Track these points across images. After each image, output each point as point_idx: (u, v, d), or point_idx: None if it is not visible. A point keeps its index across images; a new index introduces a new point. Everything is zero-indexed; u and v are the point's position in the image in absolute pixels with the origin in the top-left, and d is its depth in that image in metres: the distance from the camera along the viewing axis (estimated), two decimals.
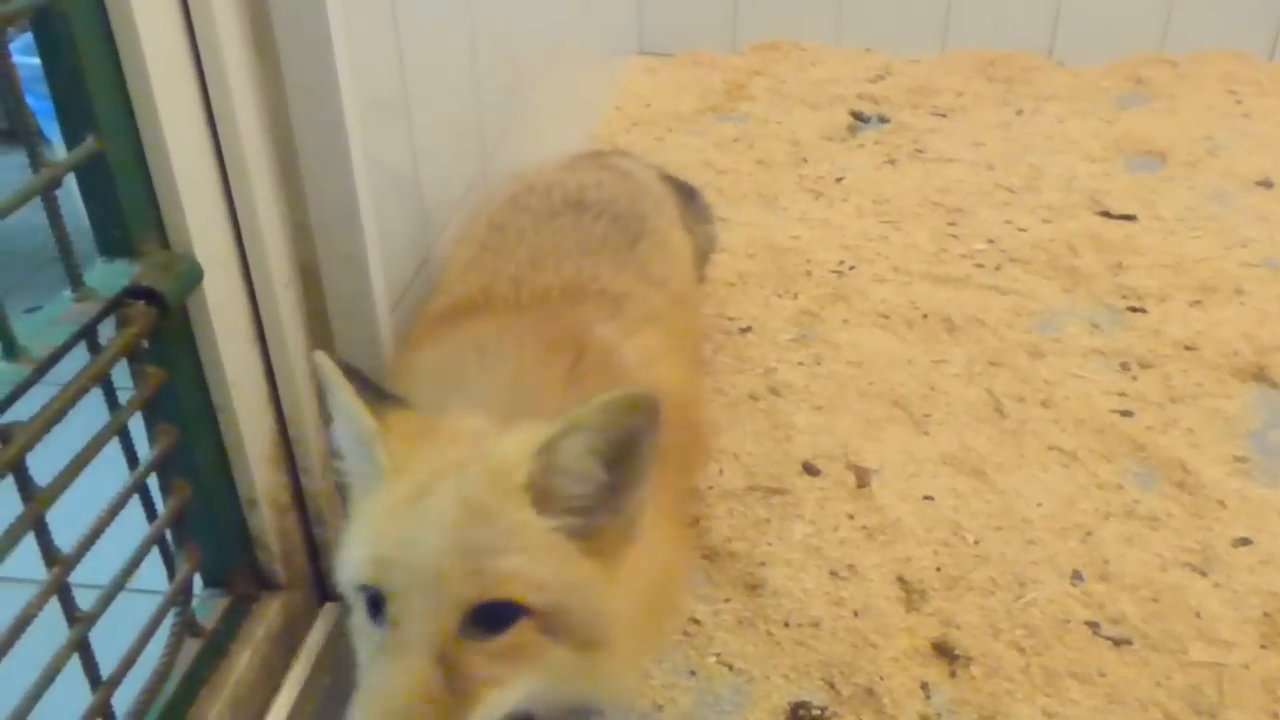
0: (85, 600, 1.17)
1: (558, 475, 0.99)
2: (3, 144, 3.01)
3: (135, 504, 1.30)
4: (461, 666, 0.93)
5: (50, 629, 1.12)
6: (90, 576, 1.18)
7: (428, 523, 0.96)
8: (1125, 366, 2.38)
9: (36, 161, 1.07)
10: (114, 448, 1.24)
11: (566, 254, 1.57)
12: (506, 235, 1.64)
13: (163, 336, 1.26)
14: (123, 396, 1.25)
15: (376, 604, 0.96)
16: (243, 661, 1.49)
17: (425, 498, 0.98)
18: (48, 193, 1.09)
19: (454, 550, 0.94)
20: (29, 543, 1.09)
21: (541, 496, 0.98)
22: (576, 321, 1.40)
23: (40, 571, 1.12)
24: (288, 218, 1.47)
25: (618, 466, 1.00)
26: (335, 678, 1.66)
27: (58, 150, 1.17)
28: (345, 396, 1.05)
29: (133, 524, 1.27)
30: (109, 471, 1.22)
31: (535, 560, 0.96)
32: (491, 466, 1.00)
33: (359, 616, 1.00)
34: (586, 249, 1.60)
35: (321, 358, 1.07)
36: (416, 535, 0.95)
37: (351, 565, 1.00)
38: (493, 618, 0.94)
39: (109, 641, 1.22)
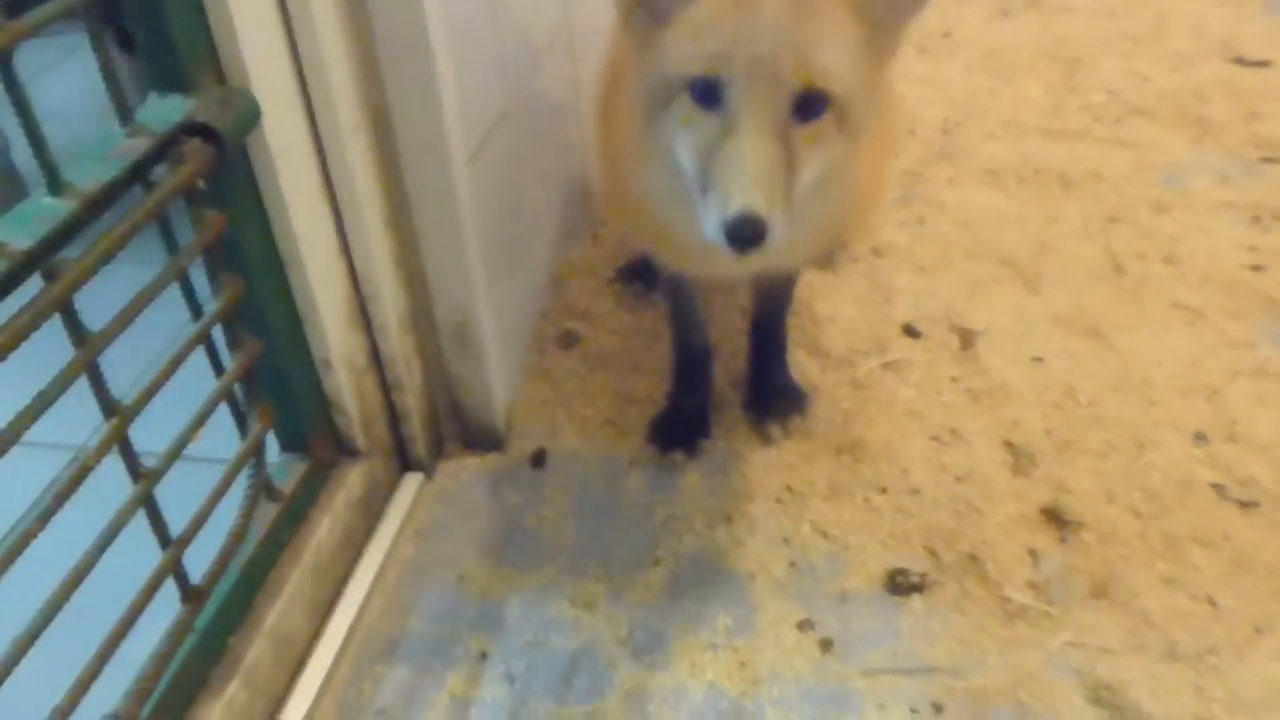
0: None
1: None
2: None
3: (208, 374, 1.26)
4: (790, 143, 1.14)
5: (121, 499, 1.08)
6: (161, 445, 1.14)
7: (763, 19, 1.12)
8: (1257, 219, 2.19)
9: None
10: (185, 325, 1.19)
11: None
12: None
13: (222, 180, 1.18)
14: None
15: (709, 93, 1.14)
16: (323, 528, 1.46)
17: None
18: (89, 12, 1.01)
19: (789, 43, 1.11)
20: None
21: (858, 7, 1.17)
22: None
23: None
24: (354, 52, 1.35)
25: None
26: (418, 549, 1.63)
27: None
28: None
29: (205, 391, 1.23)
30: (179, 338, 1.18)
31: (847, 59, 1.16)
32: None
33: (684, 106, 1.17)
34: None
35: None
36: (755, 29, 1.11)
37: (683, 59, 1.16)
38: (807, 106, 1.14)
39: (183, 508, 1.18)
